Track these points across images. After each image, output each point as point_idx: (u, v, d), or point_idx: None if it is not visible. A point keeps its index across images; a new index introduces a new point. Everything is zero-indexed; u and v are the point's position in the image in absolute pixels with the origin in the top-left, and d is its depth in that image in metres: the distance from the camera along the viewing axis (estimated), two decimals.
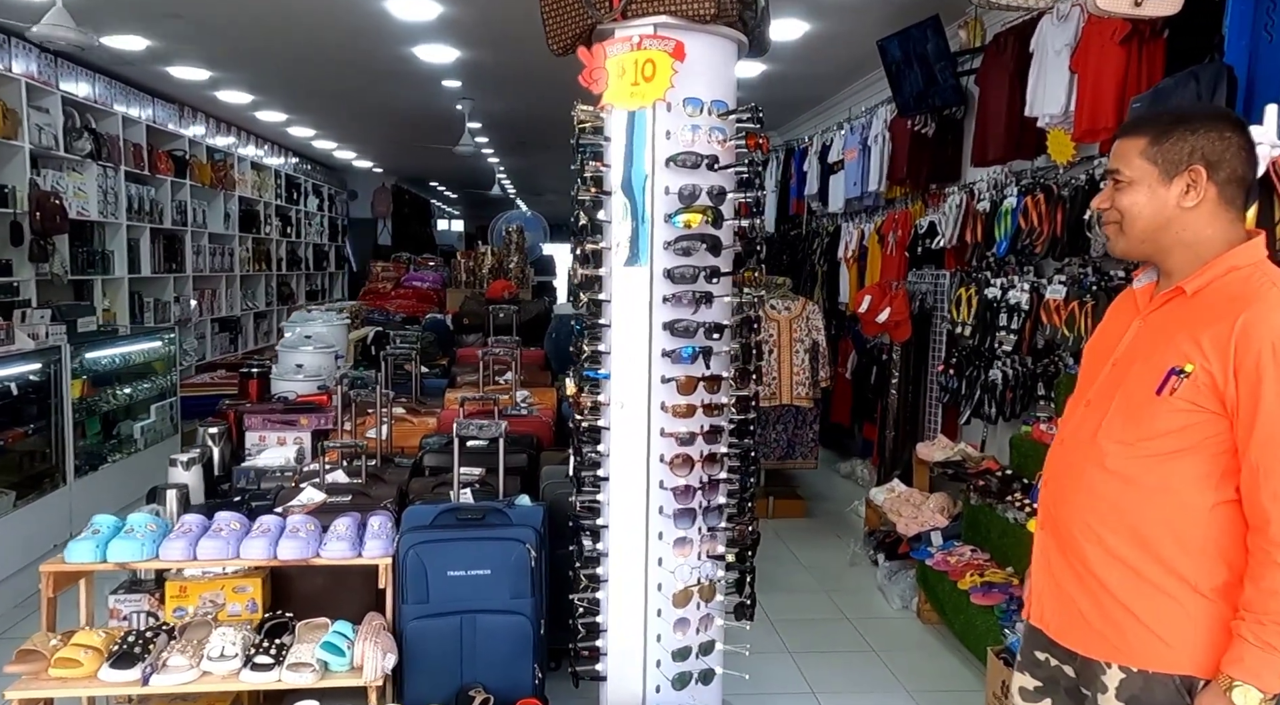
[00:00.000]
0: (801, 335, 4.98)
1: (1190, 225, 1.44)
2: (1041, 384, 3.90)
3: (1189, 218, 1.43)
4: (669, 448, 2.30)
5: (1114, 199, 1.46)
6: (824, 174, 6.56)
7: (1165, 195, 1.42)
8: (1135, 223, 1.44)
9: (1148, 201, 1.43)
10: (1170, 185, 1.42)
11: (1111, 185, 1.46)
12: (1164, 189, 1.42)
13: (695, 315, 2.29)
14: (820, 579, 4.16)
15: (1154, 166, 1.42)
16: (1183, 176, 1.41)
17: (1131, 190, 1.44)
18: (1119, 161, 1.45)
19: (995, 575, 3.23)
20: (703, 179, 2.28)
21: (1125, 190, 1.44)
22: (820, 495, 5.63)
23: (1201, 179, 1.41)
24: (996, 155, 4.07)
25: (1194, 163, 1.41)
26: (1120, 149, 1.45)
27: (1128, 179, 1.44)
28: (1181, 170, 1.42)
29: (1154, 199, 1.43)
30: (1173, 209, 1.43)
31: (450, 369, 4.98)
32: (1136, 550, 1.40)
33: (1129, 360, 1.47)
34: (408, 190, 15.74)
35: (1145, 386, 1.41)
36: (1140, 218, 1.44)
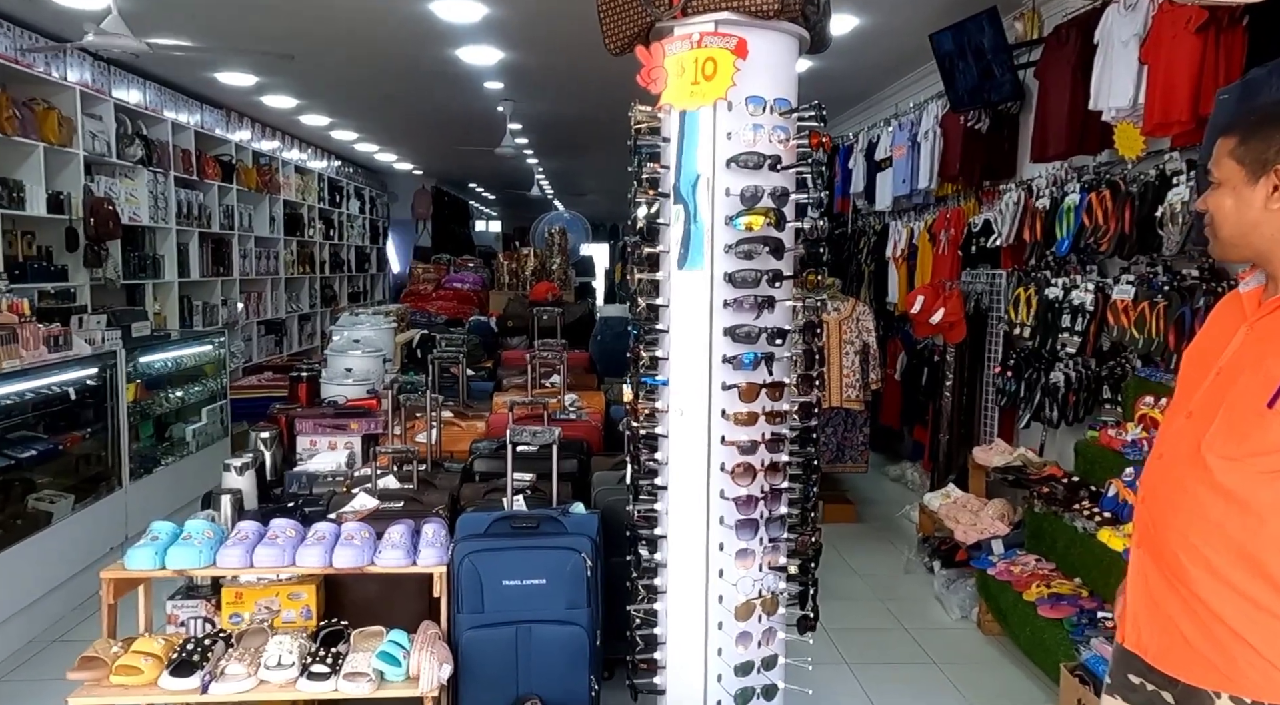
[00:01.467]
0: (851, 337, 4.87)
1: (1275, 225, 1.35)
2: (1107, 387, 3.77)
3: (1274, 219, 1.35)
4: (730, 456, 2.24)
5: (1206, 200, 1.41)
6: (870, 171, 6.45)
7: (1251, 197, 1.35)
8: (1222, 226, 1.39)
9: (1234, 204, 1.37)
10: (1256, 186, 1.35)
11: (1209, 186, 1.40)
12: (1249, 190, 1.36)
13: (757, 320, 2.22)
14: (874, 587, 4.06)
15: (1240, 167, 1.36)
16: (1269, 177, 1.34)
17: (1219, 192, 1.39)
18: (1211, 161, 1.40)
19: (1063, 586, 3.12)
20: (764, 180, 2.21)
21: (1214, 191, 1.39)
22: (870, 499, 5.52)
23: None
24: (1058, 150, 3.94)
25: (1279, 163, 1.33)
26: (1215, 148, 1.40)
27: (1216, 180, 1.39)
28: (1267, 170, 1.34)
29: (1239, 201, 1.36)
30: (1259, 211, 1.35)
31: (496, 372, 4.97)
32: (1247, 574, 1.31)
33: (1236, 369, 1.38)
34: (447, 192, 15.85)
35: (1255, 398, 1.32)
36: (1227, 221, 1.39)
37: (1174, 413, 1.51)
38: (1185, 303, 3.11)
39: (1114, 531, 2.93)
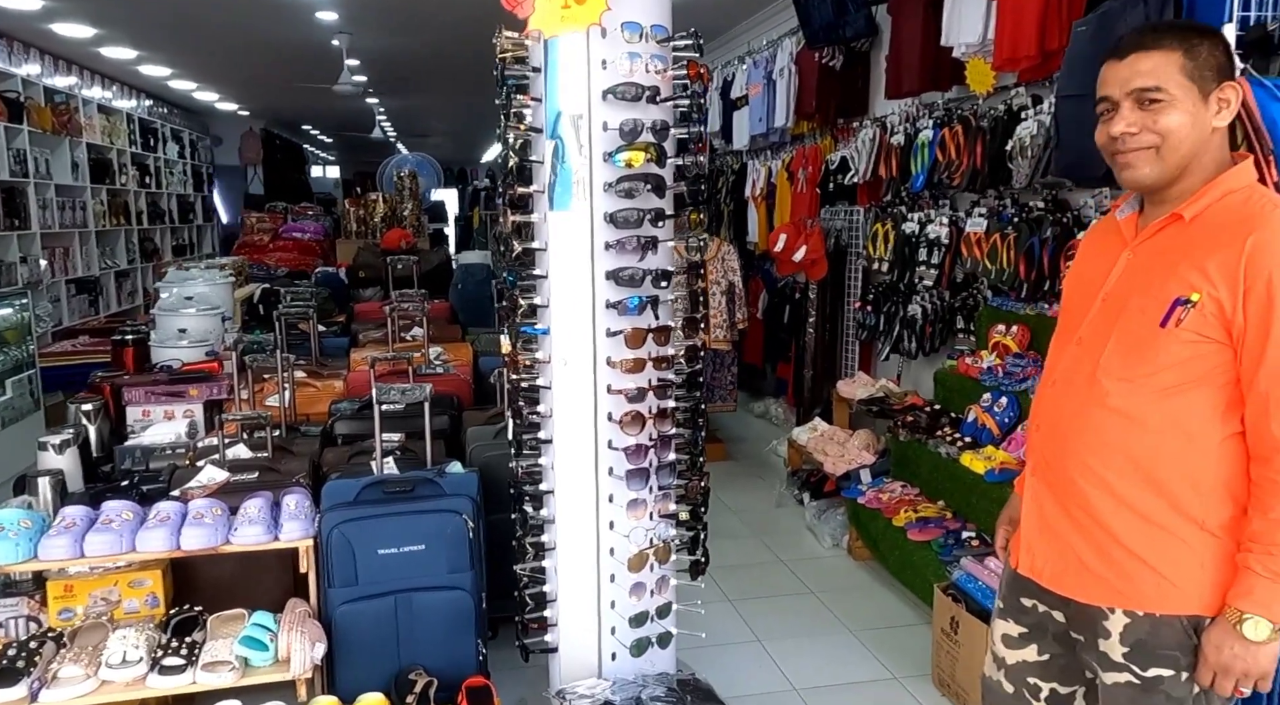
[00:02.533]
0: (718, 277, 4.88)
1: (1211, 148, 1.37)
2: (961, 317, 3.94)
3: (1214, 139, 1.37)
4: (617, 405, 2.15)
5: (1153, 120, 1.33)
6: (726, 110, 6.42)
7: (1204, 116, 1.34)
8: (1180, 147, 1.34)
9: (1192, 123, 1.34)
10: (1207, 104, 1.34)
11: (1133, 107, 1.35)
12: (1203, 109, 1.34)
13: (641, 262, 2.12)
14: (749, 522, 4.14)
15: (1193, 84, 1.33)
16: (1214, 95, 1.34)
17: (1173, 110, 1.32)
18: (1156, 78, 1.32)
19: (929, 510, 3.27)
20: (644, 113, 2.09)
21: (1166, 110, 1.33)
22: (738, 437, 5.62)
23: (1234, 98, 1.34)
24: (911, 87, 4.01)
25: (1222, 79, 1.34)
26: (1151, 65, 1.33)
27: (1169, 98, 1.32)
28: (1211, 87, 1.34)
29: (1196, 120, 1.34)
30: (1207, 130, 1.35)
31: (350, 326, 4.66)
32: (1145, 492, 1.35)
33: (1124, 294, 1.40)
34: (278, 135, 14.71)
35: (1147, 319, 1.34)
36: (1185, 141, 1.34)
37: (1061, 341, 1.53)
38: (1034, 234, 3.26)
39: (975, 455, 3.08)
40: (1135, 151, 1.36)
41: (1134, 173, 1.37)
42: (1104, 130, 1.40)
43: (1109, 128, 1.38)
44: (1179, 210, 1.37)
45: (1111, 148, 1.39)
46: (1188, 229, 1.36)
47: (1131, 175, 1.38)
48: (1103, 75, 1.39)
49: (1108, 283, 1.44)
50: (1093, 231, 1.64)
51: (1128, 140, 1.36)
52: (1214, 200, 1.35)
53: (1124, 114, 1.35)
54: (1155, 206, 1.43)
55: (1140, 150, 1.36)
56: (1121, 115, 1.36)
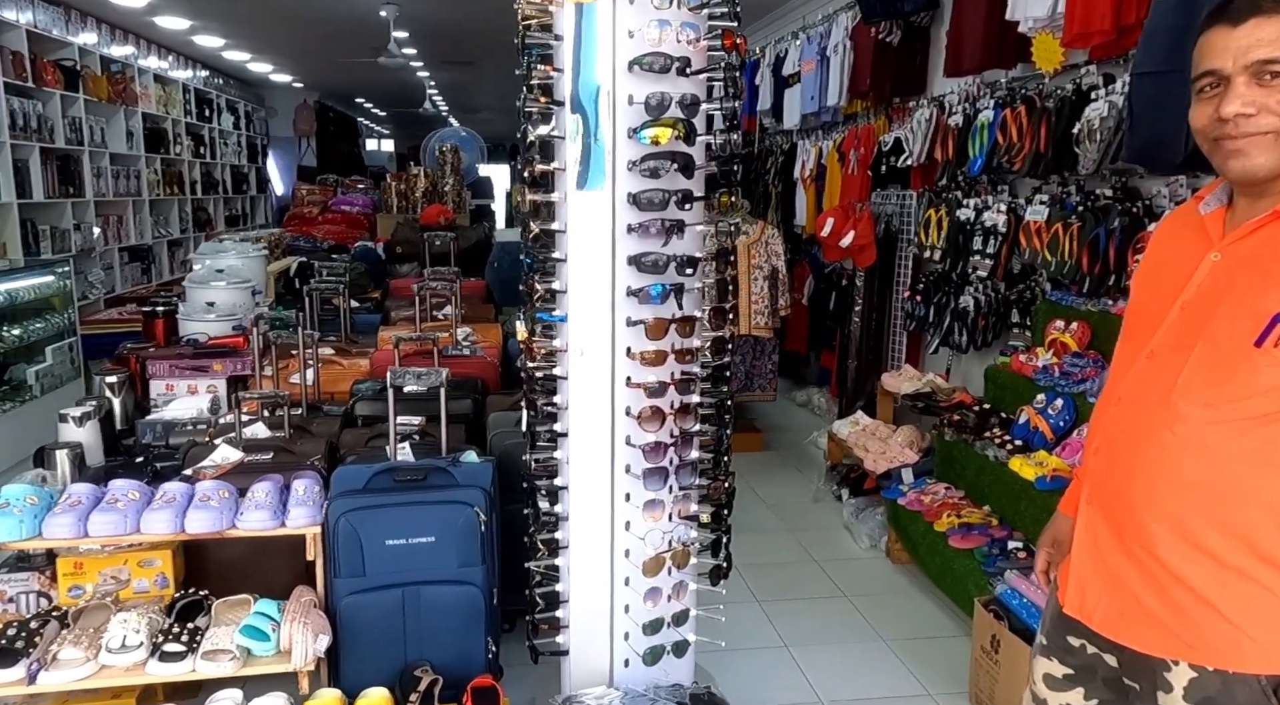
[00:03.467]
0: (760, 261, 4.70)
1: None
2: (1016, 311, 3.71)
3: None
4: (636, 400, 2.02)
5: (1276, 99, 1.13)
6: (778, 88, 6.19)
7: None
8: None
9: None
10: None
11: (1249, 82, 1.14)
12: None
13: (665, 247, 1.98)
14: (783, 517, 3.99)
15: None
16: None
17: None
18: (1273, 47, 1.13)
19: (973, 515, 3.08)
20: (672, 86, 1.93)
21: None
22: (777, 427, 5.46)
23: None
24: (973, 64, 3.77)
25: None
26: (1277, 34, 1.13)
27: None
28: None
29: None
30: None
31: (384, 303, 4.60)
32: (1223, 535, 1.18)
33: (1209, 303, 1.22)
34: (332, 107, 14.81)
35: (1239, 335, 1.16)
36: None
37: (1129, 351, 1.35)
38: (1099, 224, 3.02)
39: (1025, 460, 2.88)
40: (1251, 137, 1.16)
41: (1246, 162, 1.17)
42: (1205, 110, 1.20)
43: (1218, 107, 1.17)
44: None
45: (1217, 131, 1.19)
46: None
47: (1243, 165, 1.18)
48: (1207, 44, 1.19)
49: (1188, 288, 1.26)
50: (1168, 223, 1.44)
51: (1242, 122, 1.15)
52: None
53: (1238, 91, 1.15)
54: (1252, 201, 1.23)
55: (1257, 135, 1.15)
56: (1235, 92, 1.15)
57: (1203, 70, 1.19)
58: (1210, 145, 1.22)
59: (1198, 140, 1.25)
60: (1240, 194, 1.26)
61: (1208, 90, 1.20)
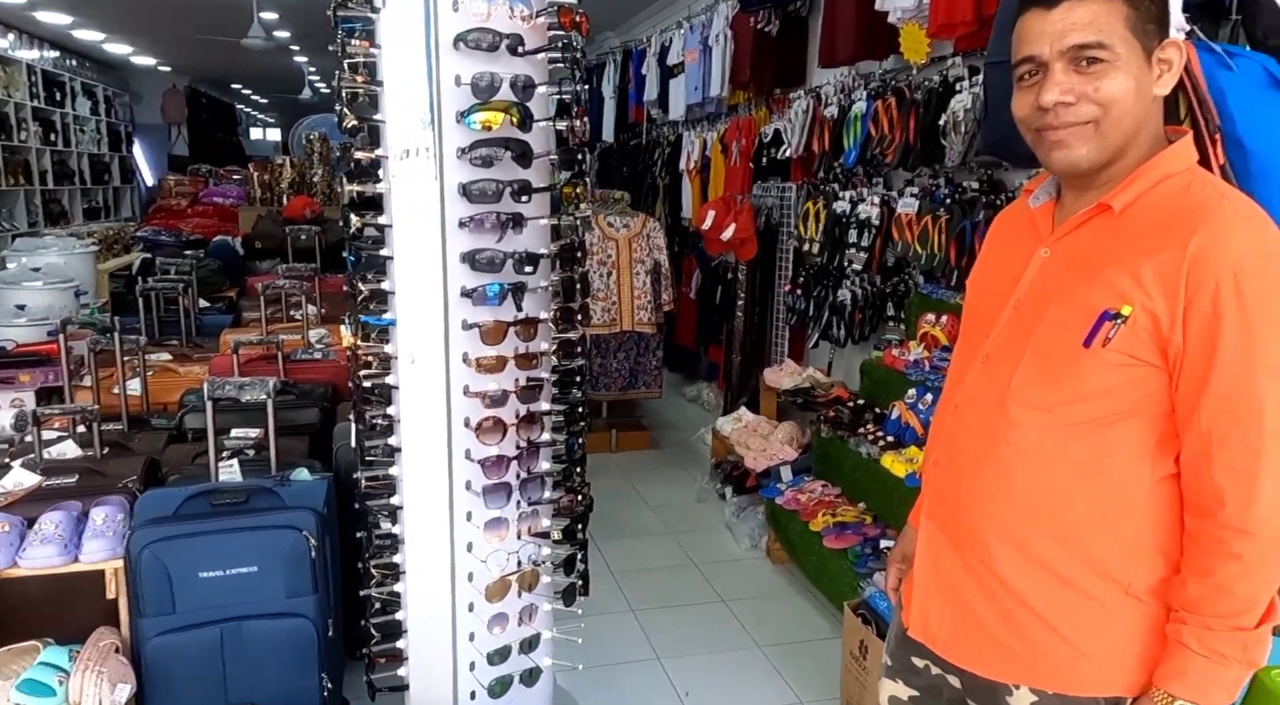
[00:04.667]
0: (642, 255, 4.58)
1: (1152, 120, 1.11)
2: (891, 304, 3.70)
3: (1154, 111, 1.10)
4: (475, 410, 1.85)
5: (1093, 87, 1.05)
6: (664, 78, 6.09)
7: (1148, 81, 1.08)
8: (1123, 120, 1.07)
9: (1137, 89, 1.07)
10: (1150, 66, 1.07)
11: (1067, 69, 1.06)
12: (1147, 72, 1.08)
13: (501, 243, 1.81)
14: (667, 520, 3.88)
15: (1136, 40, 1.06)
16: (1155, 54, 1.07)
17: (1118, 73, 1.05)
18: (1098, 31, 1.04)
19: (848, 514, 3.03)
20: (504, 66, 1.77)
21: (1109, 73, 1.05)
22: (666, 424, 5.36)
23: (1176, 59, 1.08)
24: (845, 55, 3.73)
25: (1163, 35, 1.07)
26: (1090, 15, 1.04)
27: (1113, 57, 1.05)
28: (1154, 45, 1.07)
29: (1141, 86, 1.07)
30: (1149, 99, 1.09)
31: (239, 303, 4.27)
32: (1060, 547, 1.10)
33: (1039, 302, 1.14)
34: (206, 93, 13.98)
35: (1068, 335, 1.08)
36: (1130, 113, 1.07)
37: (965, 355, 1.27)
38: (966, 216, 3.01)
39: (896, 456, 2.84)
40: (1072, 127, 1.08)
41: (1068, 154, 1.09)
42: (1025, 99, 1.12)
43: (1037, 96, 1.08)
44: (1106, 199, 1.10)
45: (1037, 121, 1.10)
46: (1117, 223, 1.09)
47: (1065, 157, 1.10)
48: (1023, 28, 1.11)
49: (1019, 287, 1.18)
50: (1001, 220, 1.37)
51: (1062, 112, 1.07)
52: (1148, 187, 1.09)
53: (1055, 78, 1.07)
54: (1077, 194, 1.16)
55: (1077, 125, 1.07)
56: (1053, 79, 1.07)
57: (1020, 57, 1.11)
58: (1033, 136, 1.13)
59: (1021, 131, 1.16)
60: (1067, 187, 1.19)
61: (1027, 78, 1.12)
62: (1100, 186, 1.12)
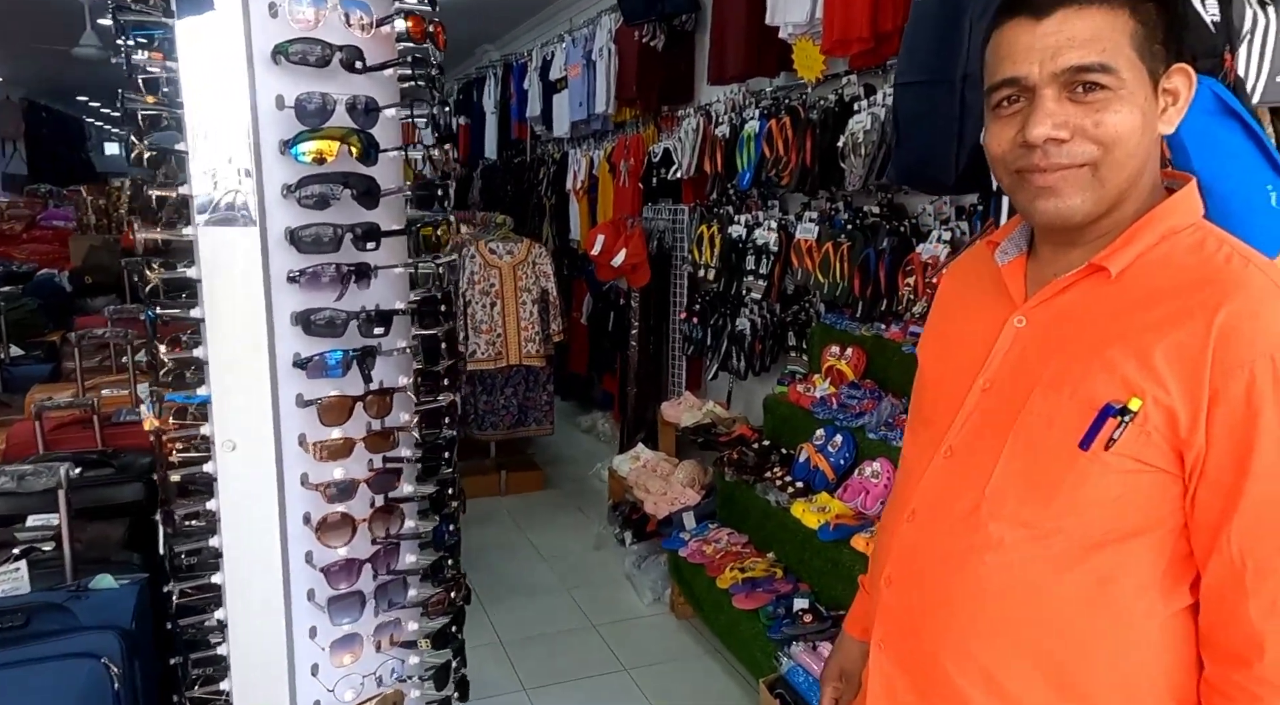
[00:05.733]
0: (528, 283, 4.27)
1: (1153, 164, 0.90)
2: (792, 333, 3.51)
3: (1155, 152, 0.89)
4: (316, 505, 1.51)
5: (1094, 121, 0.83)
6: (546, 93, 5.82)
7: (1154, 114, 0.86)
8: (1128, 162, 0.85)
9: (1144, 126, 0.85)
10: (1156, 98, 0.86)
11: (1060, 97, 0.84)
12: (1154, 104, 0.86)
13: (343, 301, 1.48)
14: (562, 573, 3.57)
15: (1143, 65, 0.84)
16: (1161, 83, 0.87)
17: (1124, 104, 0.83)
18: (1102, 51, 0.82)
19: (757, 566, 2.80)
20: (341, 85, 1.45)
21: (1114, 104, 0.83)
22: (560, 458, 5.05)
23: (1184, 89, 0.87)
24: (735, 71, 3.54)
25: (1172, 60, 0.86)
26: (1092, 31, 0.82)
27: (1119, 83, 0.83)
28: (1160, 70, 0.86)
29: (1148, 121, 0.86)
30: (1155, 139, 0.88)
31: (60, 349, 3.72)
32: (1054, 696, 0.87)
33: (1017, 385, 0.91)
34: (47, 107, 12.83)
35: (1060, 433, 0.86)
36: (1135, 154, 0.85)
37: (921, 442, 1.03)
38: (869, 244, 2.85)
39: (807, 504, 2.63)
40: (1065, 171, 0.85)
41: (1058, 204, 0.87)
42: (1005, 133, 0.89)
43: (1021, 130, 0.85)
44: (1100, 259, 0.88)
45: (1019, 160, 0.88)
46: (1115, 289, 0.88)
47: (1054, 207, 0.87)
48: (1004, 42, 0.88)
49: (989, 362, 0.95)
50: (956, 272, 1.15)
51: (1053, 151, 0.85)
52: (1149, 245, 0.88)
53: (1046, 107, 0.84)
54: (1058, 250, 0.94)
55: (1071, 168, 0.85)
56: (1043, 109, 0.84)
57: (1000, 79, 0.88)
58: (1012, 179, 0.90)
59: (995, 172, 0.94)
60: (1043, 240, 0.97)
61: (1006, 105, 0.88)
62: (1090, 243, 0.90)
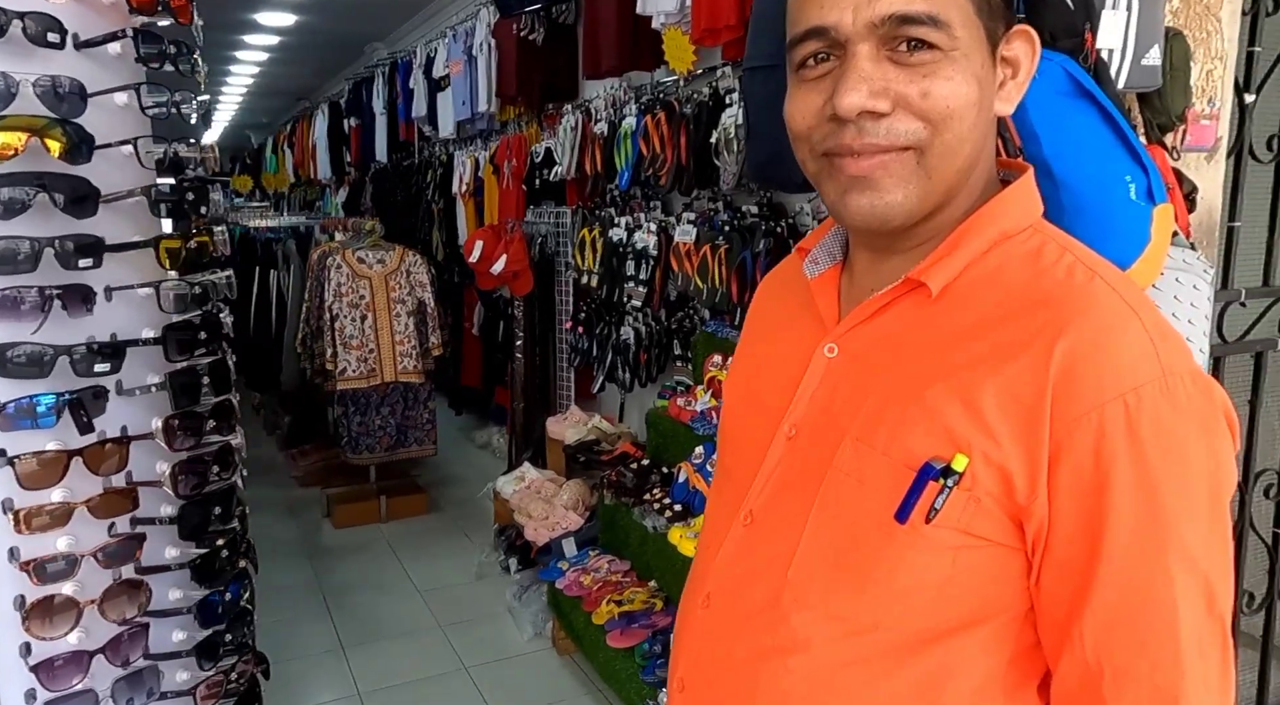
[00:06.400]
0: (402, 294, 3.97)
1: (989, 152, 0.70)
2: (678, 342, 3.32)
3: (991, 136, 0.70)
4: (28, 588, 1.22)
5: (920, 88, 0.64)
6: (431, 92, 5.52)
7: (991, 89, 0.68)
8: (960, 146, 0.66)
9: (981, 100, 0.66)
10: (994, 67, 0.68)
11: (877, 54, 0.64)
12: (991, 76, 0.68)
13: (46, 333, 1.20)
14: (439, 608, 3.29)
15: (981, 25, 0.66)
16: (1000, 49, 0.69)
17: (957, 70, 0.65)
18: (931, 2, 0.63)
19: (637, 597, 2.59)
20: (41, 64, 1.17)
21: (944, 69, 0.64)
22: (450, 479, 4.76)
23: (1026, 59, 0.69)
24: (610, 64, 3.33)
25: (1011, 22, 0.68)
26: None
27: (950, 45, 0.64)
28: (999, 36, 0.68)
29: (985, 96, 0.67)
30: (990, 118, 0.68)
31: None
32: None
33: (824, 433, 0.71)
34: None
35: (872, 501, 0.66)
36: (969, 136, 0.66)
37: (722, 505, 0.82)
38: (746, 246, 2.66)
39: (685, 530, 2.43)
40: (883, 154, 0.65)
41: (878, 200, 0.66)
42: (807, 102, 0.68)
43: (836, 98, 0.65)
44: (918, 273, 0.68)
45: (826, 140, 0.67)
46: (936, 311, 0.68)
47: (868, 204, 0.67)
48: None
49: (795, 402, 0.74)
50: (771, 283, 0.94)
51: (869, 127, 0.65)
52: (977, 253, 0.68)
53: (862, 69, 0.64)
54: (876, 259, 0.74)
55: (891, 151, 0.65)
56: (858, 72, 0.64)
57: (803, 30, 0.67)
58: (819, 165, 0.69)
59: (798, 154, 0.72)
60: (859, 246, 0.77)
61: (812, 65, 0.67)
62: (910, 250, 0.71)
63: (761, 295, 0.93)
